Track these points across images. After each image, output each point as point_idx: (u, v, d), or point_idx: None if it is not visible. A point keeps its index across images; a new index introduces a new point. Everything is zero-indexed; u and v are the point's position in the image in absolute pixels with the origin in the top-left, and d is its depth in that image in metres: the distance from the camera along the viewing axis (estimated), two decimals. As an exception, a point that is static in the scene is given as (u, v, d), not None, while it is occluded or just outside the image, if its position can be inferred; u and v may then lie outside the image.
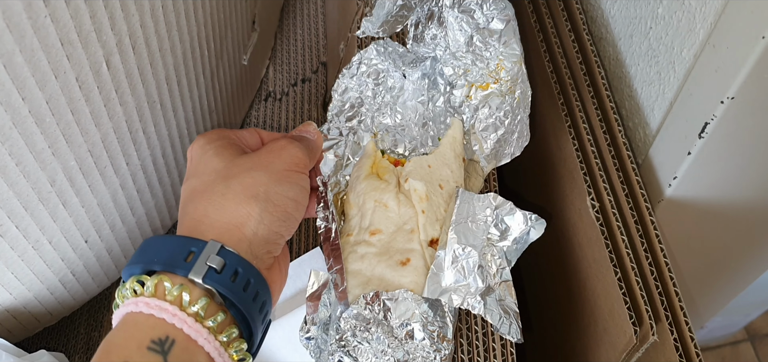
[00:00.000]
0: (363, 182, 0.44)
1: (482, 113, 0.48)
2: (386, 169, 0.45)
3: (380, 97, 0.49)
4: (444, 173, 0.45)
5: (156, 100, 0.53)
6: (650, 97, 0.51)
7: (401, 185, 0.44)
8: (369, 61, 0.49)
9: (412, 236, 0.42)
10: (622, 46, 0.55)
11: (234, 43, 0.64)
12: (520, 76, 0.46)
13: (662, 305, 0.45)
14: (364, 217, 0.43)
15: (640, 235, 0.48)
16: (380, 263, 0.41)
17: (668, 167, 0.48)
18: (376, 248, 0.42)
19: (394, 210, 0.43)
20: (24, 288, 0.56)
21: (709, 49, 0.41)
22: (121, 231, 0.61)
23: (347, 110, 0.49)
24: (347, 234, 0.44)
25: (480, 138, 0.48)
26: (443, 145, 0.46)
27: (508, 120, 0.47)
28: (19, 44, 0.38)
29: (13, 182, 0.45)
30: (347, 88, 0.49)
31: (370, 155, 0.46)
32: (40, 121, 0.43)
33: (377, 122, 0.49)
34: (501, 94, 0.47)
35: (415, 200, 0.43)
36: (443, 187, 0.44)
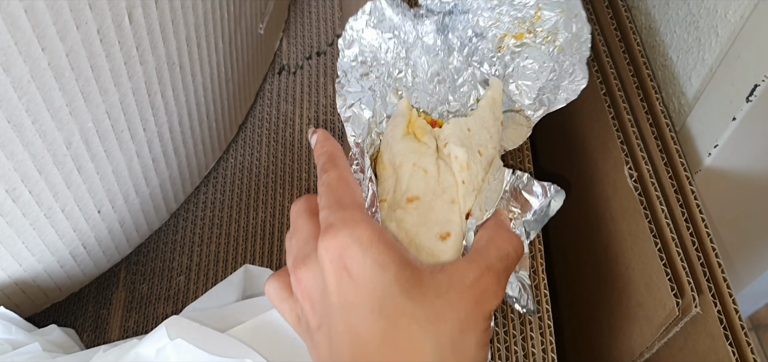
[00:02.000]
0: (400, 143, 0.40)
1: (517, 63, 0.44)
2: (423, 129, 0.41)
3: (393, 52, 0.44)
4: (483, 137, 0.41)
5: (176, 62, 0.51)
6: (687, 64, 0.50)
7: (440, 149, 0.41)
8: (379, 12, 0.44)
9: (452, 207, 0.39)
10: (656, 13, 0.53)
11: (251, 10, 0.61)
12: (563, 22, 0.43)
13: (705, 276, 0.44)
14: (400, 181, 0.40)
15: (680, 205, 0.46)
16: (418, 234, 0.38)
17: (708, 135, 0.47)
18: (413, 216, 0.39)
19: (433, 176, 0.39)
20: (34, 259, 0.54)
21: (764, 6, 0.39)
22: (134, 203, 0.59)
23: (358, 67, 0.44)
24: (381, 199, 0.40)
25: (520, 88, 0.44)
26: (482, 107, 0.43)
27: (550, 68, 0.43)
28: (42, -13, 0.35)
29: (29, 141, 0.43)
30: (354, 40, 0.44)
31: (404, 114, 0.43)
32: (59, 76, 0.41)
33: (395, 78, 0.45)
34: (535, 45, 0.44)
35: (455, 169, 0.40)
36: (482, 154, 0.41)
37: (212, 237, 0.68)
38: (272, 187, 0.69)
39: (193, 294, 0.65)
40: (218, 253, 0.67)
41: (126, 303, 0.67)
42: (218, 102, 0.62)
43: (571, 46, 0.43)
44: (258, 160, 0.71)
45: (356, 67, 0.44)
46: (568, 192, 0.39)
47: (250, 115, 0.74)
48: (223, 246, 0.67)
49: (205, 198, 0.70)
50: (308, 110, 0.72)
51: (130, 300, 0.67)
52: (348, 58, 0.44)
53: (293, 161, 0.69)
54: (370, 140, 0.43)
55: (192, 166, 0.64)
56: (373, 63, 0.44)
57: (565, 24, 0.43)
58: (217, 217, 0.69)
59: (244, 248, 0.66)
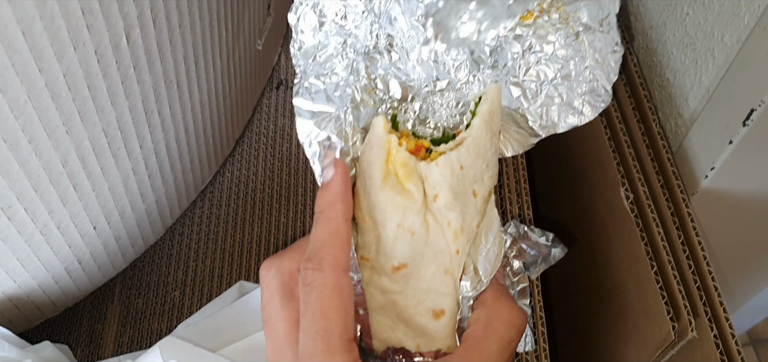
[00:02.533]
0: (381, 194, 0.33)
1: (525, 49, 0.36)
2: (407, 168, 0.33)
3: (367, 27, 0.35)
4: (478, 169, 0.34)
5: (173, 80, 0.50)
6: (684, 85, 0.50)
7: (427, 197, 0.33)
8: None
9: (446, 279, 0.34)
10: (653, 34, 0.54)
11: (250, 26, 0.61)
12: (586, 14, 0.35)
13: (701, 300, 0.44)
14: (382, 242, 0.33)
15: (677, 227, 0.46)
16: (408, 308, 0.34)
17: (706, 157, 0.47)
18: (400, 286, 0.34)
19: (421, 237, 0.33)
20: (28, 275, 0.53)
21: (760, 31, 0.39)
22: (130, 219, 0.59)
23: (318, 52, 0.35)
24: (362, 256, 0.34)
25: (523, 85, 0.36)
26: (476, 126, 0.34)
27: (570, 62, 0.35)
28: (40, 10, 0.35)
29: (25, 160, 0.43)
30: (308, 15, 0.34)
31: (382, 144, 0.33)
32: (56, 96, 0.41)
33: (368, 68, 0.36)
34: (551, 24, 0.36)
35: (448, 237, 0.33)
36: (477, 194, 0.34)
37: (207, 252, 0.68)
38: (268, 202, 0.68)
39: (188, 309, 0.65)
40: (213, 268, 0.67)
41: (121, 318, 0.67)
42: (215, 118, 0.62)
43: (593, 46, 0.35)
44: (254, 174, 0.71)
45: (315, 52, 0.35)
46: (572, 245, 0.37)
47: (247, 130, 0.73)
48: (219, 261, 0.67)
49: (201, 212, 0.70)
50: (305, 125, 0.72)
51: (125, 314, 0.67)
52: (303, 40, 0.35)
53: (289, 176, 0.69)
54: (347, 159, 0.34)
55: (188, 181, 0.64)
56: (342, 49, 0.35)
57: (589, 11, 0.35)
58: (213, 232, 0.69)
59: (239, 263, 0.66)
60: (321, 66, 0.35)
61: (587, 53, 0.35)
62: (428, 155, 0.34)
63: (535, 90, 0.36)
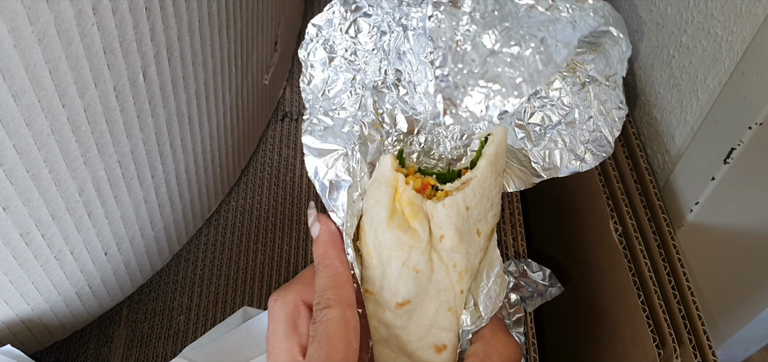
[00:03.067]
0: (387, 232, 0.34)
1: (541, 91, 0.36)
2: (413, 205, 0.34)
3: (376, 64, 0.36)
4: (482, 208, 0.35)
5: (185, 114, 0.53)
6: (671, 124, 0.53)
7: (433, 236, 0.34)
8: (359, 5, 0.34)
9: (449, 316, 0.35)
10: (641, 75, 0.56)
11: (258, 62, 0.64)
12: (594, 67, 0.35)
13: (685, 328, 0.46)
14: (387, 278, 0.35)
15: (663, 259, 0.48)
16: (410, 342, 0.35)
17: (690, 192, 0.49)
18: (403, 321, 0.35)
19: (426, 275, 0.34)
20: (42, 299, 0.56)
21: (738, 76, 0.42)
22: (139, 245, 0.61)
23: (327, 90, 0.36)
24: (367, 289, 0.35)
25: (527, 127, 0.37)
26: (482, 167, 0.35)
27: (575, 110, 0.36)
28: (66, 51, 0.38)
29: (45, 189, 0.46)
30: (318, 51, 0.35)
31: (390, 183, 0.35)
32: (76, 129, 0.43)
33: (376, 103, 0.36)
34: (558, 72, 0.36)
35: (453, 278, 0.34)
36: (480, 233, 0.35)
37: (212, 278, 0.70)
38: (272, 230, 0.71)
39: (192, 333, 0.67)
40: (217, 294, 0.69)
41: (127, 342, 0.69)
42: (223, 149, 0.65)
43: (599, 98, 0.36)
44: (259, 203, 0.73)
45: (325, 87, 0.36)
46: (568, 284, 0.39)
47: (253, 160, 0.76)
48: (223, 288, 0.69)
49: (206, 239, 0.72)
50: (309, 156, 0.74)
51: (131, 338, 0.69)
52: (312, 74, 0.35)
53: (292, 205, 0.71)
54: (351, 212, 0.35)
55: (195, 209, 0.67)
56: (347, 79, 0.36)
57: (597, 65, 0.36)
58: (218, 259, 0.71)
59: (242, 289, 0.68)
60: (330, 101, 0.36)
61: (592, 104, 0.36)
62: (434, 192, 0.36)
63: (539, 133, 0.37)
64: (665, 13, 0.51)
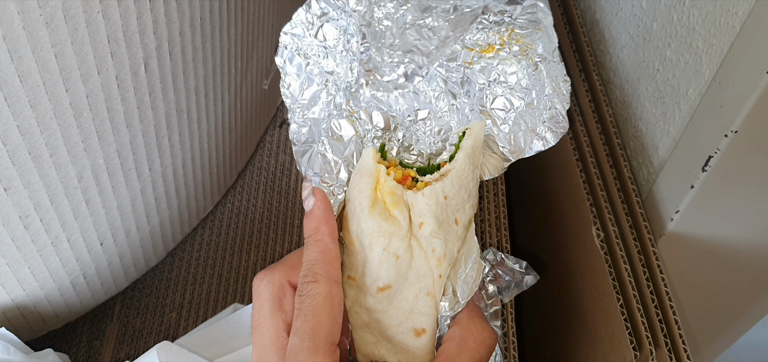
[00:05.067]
0: (368, 220, 0.35)
1: (499, 72, 0.38)
2: (394, 196, 0.36)
3: (346, 65, 0.38)
4: (460, 199, 0.37)
5: (184, 110, 0.55)
6: (655, 136, 0.54)
7: (413, 224, 0.36)
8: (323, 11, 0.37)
9: (428, 300, 0.36)
10: (629, 89, 0.58)
11: (258, 66, 0.66)
12: (541, 45, 0.37)
13: (662, 332, 0.47)
14: (368, 264, 0.36)
15: (643, 265, 0.50)
16: (390, 326, 0.36)
17: (671, 201, 0.51)
18: (384, 305, 0.36)
19: (406, 261, 0.36)
20: (37, 285, 0.57)
21: (715, 86, 0.44)
22: (135, 239, 0.62)
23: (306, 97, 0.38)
24: (349, 275, 0.37)
25: (492, 114, 0.38)
26: (460, 160, 0.37)
27: (532, 90, 0.37)
28: (72, 36, 0.40)
29: (45, 173, 0.47)
30: (297, 51, 0.37)
31: (371, 172, 0.36)
32: (78, 115, 0.45)
33: (352, 103, 0.38)
34: (513, 55, 0.38)
35: (432, 263, 0.36)
36: (459, 222, 0.37)
37: (205, 277, 0.71)
38: (265, 233, 0.72)
39: (183, 330, 0.68)
40: (210, 293, 0.70)
41: (118, 336, 0.70)
42: (220, 149, 0.66)
43: (549, 73, 0.38)
44: (254, 205, 0.75)
45: (302, 90, 0.38)
46: (543, 273, 0.40)
47: (250, 164, 0.78)
48: (215, 286, 0.70)
49: (201, 239, 0.74)
50: (304, 162, 0.76)
51: (123, 333, 0.70)
52: (290, 80, 0.38)
53: (287, 209, 0.73)
54: (329, 191, 0.37)
55: (191, 207, 0.68)
56: (321, 81, 0.38)
57: (543, 43, 0.38)
58: (212, 258, 0.72)
59: (234, 289, 0.69)
60: (307, 103, 0.38)
61: (546, 82, 0.38)
62: (415, 184, 0.37)
63: (503, 117, 0.38)
64: (651, 29, 0.53)
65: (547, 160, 0.61)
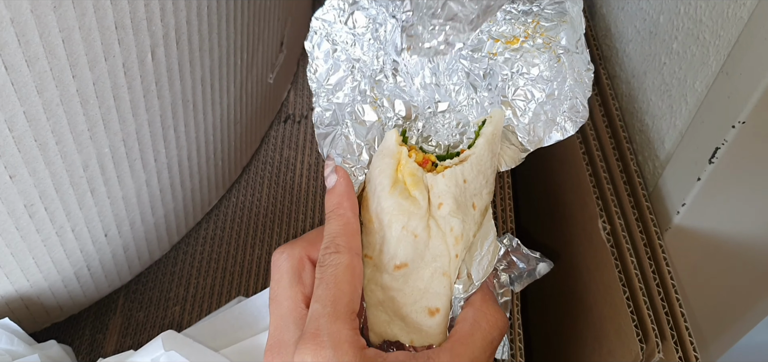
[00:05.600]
0: (389, 198, 0.36)
1: (513, 72, 0.39)
2: (415, 177, 0.37)
3: (373, 53, 0.39)
4: (478, 184, 0.38)
5: (189, 100, 0.55)
6: (661, 129, 0.54)
7: (432, 205, 0.37)
8: (353, 3, 0.38)
9: (443, 281, 0.37)
10: (635, 83, 0.58)
11: (263, 59, 0.66)
12: (565, 38, 0.38)
13: (668, 324, 0.47)
14: (387, 242, 0.37)
15: (649, 258, 0.49)
16: (405, 305, 0.37)
17: (677, 194, 0.51)
18: (399, 284, 0.37)
19: (423, 241, 0.36)
20: (41, 276, 0.57)
21: (723, 76, 0.44)
22: (139, 230, 0.62)
23: (332, 81, 0.39)
24: (366, 254, 0.37)
25: (513, 104, 0.39)
26: (480, 146, 0.38)
27: (554, 82, 0.38)
28: (80, 21, 0.40)
29: (51, 161, 0.47)
30: (323, 38, 0.39)
31: (393, 153, 0.37)
32: (84, 102, 0.45)
33: (376, 82, 0.39)
34: (536, 48, 0.39)
35: (449, 241, 0.36)
36: (476, 206, 0.38)
37: (209, 271, 0.71)
38: (269, 227, 0.72)
39: (187, 324, 0.68)
40: (214, 287, 0.70)
41: (122, 329, 0.70)
42: (225, 142, 0.66)
43: (573, 66, 0.39)
44: (258, 200, 0.74)
45: (328, 75, 0.39)
46: (556, 262, 0.40)
47: (254, 158, 0.78)
48: (219, 280, 0.70)
49: (205, 233, 0.74)
50: (309, 157, 0.76)
51: (126, 326, 0.70)
52: (318, 65, 0.39)
53: (291, 204, 0.73)
54: (351, 171, 0.39)
55: (196, 200, 0.68)
56: (347, 68, 0.39)
57: (567, 35, 0.38)
58: (216, 252, 0.72)
59: (238, 283, 0.69)
60: (332, 87, 0.39)
61: (568, 73, 0.38)
62: (434, 168, 0.38)
63: (524, 108, 0.39)
64: (658, 22, 0.53)
65: (553, 154, 0.61)
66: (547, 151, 0.54)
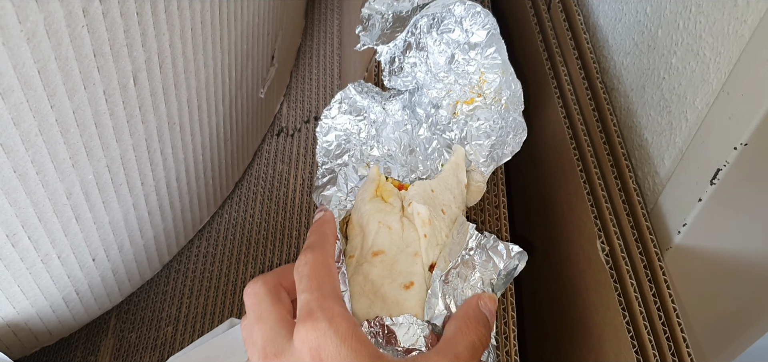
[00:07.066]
0: (368, 204, 0.45)
1: (471, 126, 0.49)
2: (390, 192, 0.46)
3: (365, 132, 0.50)
4: (446, 198, 0.46)
5: (176, 122, 0.53)
6: (661, 146, 0.53)
7: (405, 209, 0.45)
8: (349, 100, 0.50)
9: (415, 259, 0.43)
10: (633, 96, 0.56)
11: (253, 75, 0.65)
12: (504, 82, 0.47)
13: (669, 350, 0.45)
14: (366, 238, 0.44)
15: (649, 280, 0.48)
16: (384, 285, 0.42)
17: (678, 214, 0.49)
18: (378, 270, 0.42)
19: (397, 232, 0.43)
20: (28, 303, 0.56)
21: (724, 96, 0.42)
22: (128, 253, 0.61)
23: (334, 149, 0.51)
24: (349, 255, 0.44)
25: (474, 148, 0.49)
26: (446, 171, 0.47)
27: (499, 125, 0.48)
28: (56, 51, 0.38)
29: (32, 190, 0.46)
30: (330, 128, 0.51)
31: (374, 179, 0.47)
32: (64, 131, 0.44)
33: (366, 154, 0.50)
34: (486, 105, 0.48)
35: (418, 224, 0.44)
36: (445, 212, 0.45)
37: (201, 290, 0.70)
38: (263, 244, 0.71)
39: (179, 344, 0.67)
40: (206, 306, 0.69)
41: (114, 351, 0.68)
42: (216, 160, 0.65)
43: (511, 103, 0.48)
44: (251, 216, 0.73)
45: (333, 150, 0.50)
46: (531, 253, 0.43)
47: (247, 173, 0.76)
48: (212, 299, 0.69)
49: (197, 251, 0.72)
50: (303, 171, 0.74)
51: (118, 348, 0.69)
52: (326, 143, 0.50)
53: (285, 219, 0.71)
54: (341, 206, 0.47)
55: (187, 220, 0.67)
56: (346, 145, 0.50)
57: (506, 84, 0.48)
58: (208, 271, 0.71)
59: (231, 302, 0.68)
60: (334, 156, 0.51)
61: (509, 110, 0.48)
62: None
63: (481, 146, 0.49)
64: (656, 35, 0.52)
65: (549, 170, 0.59)
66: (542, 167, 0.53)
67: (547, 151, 0.60)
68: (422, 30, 0.49)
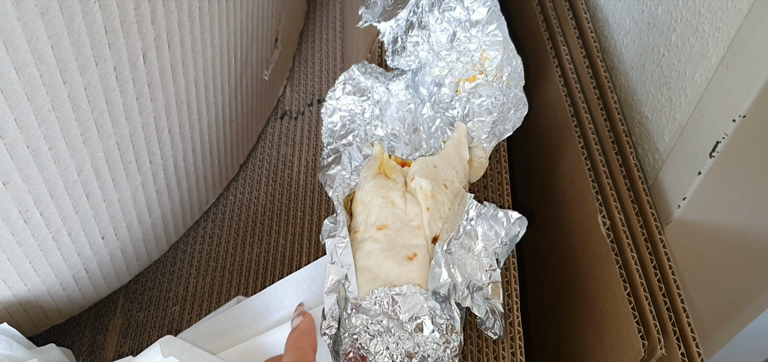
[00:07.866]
0: (371, 181, 0.46)
1: (473, 103, 0.50)
2: (393, 168, 0.47)
3: (369, 112, 0.51)
4: (448, 173, 0.47)
5: (183, 101, 0.54)
6: (660, 122, 0.53)
7: (408, 184, 0.46)
8: (353, 81, 0.51)
9: (418, 232, 0.44)
10: (634, 74, 0.57)
11: (257, 57, 0.66)
12: (505, 58, 0.48)
13: (670, 320, 0.46)
14: (370, 214, 0.45)
15: (650, 253, 0.49)
16: (387, 258, 0.43)
17: (678, 188, 0.50)
18: (382, 243, 0.43)
19: (400, 207, 0.45)
20: (39, 280, 0.56)
21: (723, 69, 0.43)
22: (136, 232, 0.62)
23: (339, 130, 0.52)
24: (354, 231, 0.45)
25: (476, 125, 0.50)
26: (448, 146, 0.48)
27: (501, 101, 0.49)
28: (68, 27, 0.39)
29: (44, 166, 0.47)
30: (335, 109, 0.52)
31: (377, 157, 0.48)
32: (76, 107, 0.45)
33: (370, 134, 0.51)
34: (488, 83, 0.49)
35: (420, 198, 0.45)
36: (448, 187, 0.46)
37: (208, 270, 0.71)
38: (268, 225, 0.72)
39: (186, 323, 0.68)
40: (213, 285, 0.70)
41: (122, 330, 0.69)
42: (221, 141, 0.66)
43: (512, 79, 0.49)
44: (256, 198, 0.74)
45: (338, 131, 0.51)
46: (531, 220, 0.44)
47: (251, 156, 0.77)
48: (219, 279, 0.70)
49: (204, 232, 0.73)
50: (306, 153, 0.75)
51: (126, 327, 0.70)
52: (331, 124, 0.51)
53: (289, 201, 0.72)
54: (345, 184, 0.48)
55: (193, 200, 0.68)
56: (351, 125, 0.51)
57: (507, 60, 0.49)
58: (214, 251, 0.72)
59: (237, 281, 0.69)
60: (339, 137, 0.52)
61: (510, 86, 0.49)
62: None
63: (483, 123, 0.50)
64: (656, 13, 0.53)
65: (550, 146, 0.60)
66: (544, 145, 0.54)
67: (548, 126, 0.61)
68: (424, 8, 0.50)
